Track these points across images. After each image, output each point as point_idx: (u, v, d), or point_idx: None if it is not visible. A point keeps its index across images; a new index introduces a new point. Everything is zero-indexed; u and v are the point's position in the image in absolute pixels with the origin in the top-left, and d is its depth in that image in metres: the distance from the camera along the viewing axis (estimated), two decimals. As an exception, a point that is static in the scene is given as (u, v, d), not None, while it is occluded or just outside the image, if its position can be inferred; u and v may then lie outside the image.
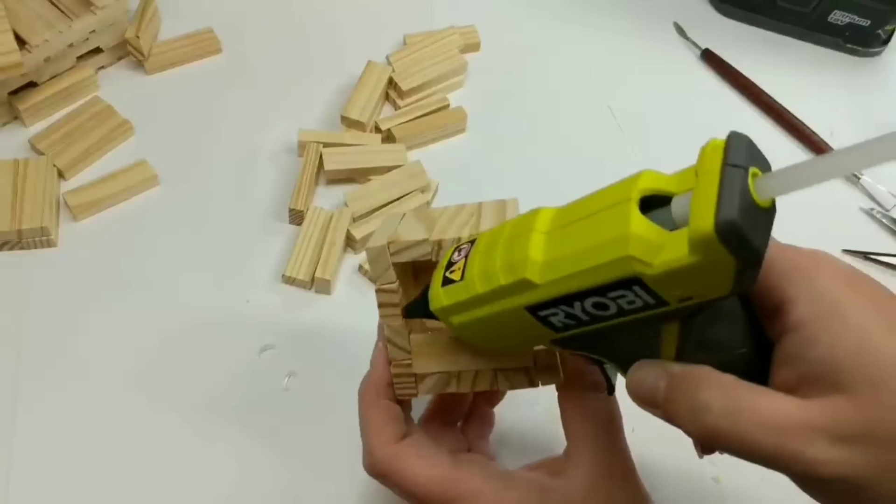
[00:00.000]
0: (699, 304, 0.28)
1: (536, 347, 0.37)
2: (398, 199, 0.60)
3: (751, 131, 0.29)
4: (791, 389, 0.29)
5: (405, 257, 0.37)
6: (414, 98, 0.67)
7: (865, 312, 0.29)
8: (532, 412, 0.51)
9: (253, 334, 0.53)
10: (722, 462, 0.50)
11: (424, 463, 0.37)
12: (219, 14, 0.72)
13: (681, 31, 0.78)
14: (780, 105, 0.71)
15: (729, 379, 0.30)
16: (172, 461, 0.48)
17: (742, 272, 0.26)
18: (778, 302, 0.31)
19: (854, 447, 0.28)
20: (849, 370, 0.28)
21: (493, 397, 0.47)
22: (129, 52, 0.67)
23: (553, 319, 0.31)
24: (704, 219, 0.25)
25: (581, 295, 0.30)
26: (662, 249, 0.27)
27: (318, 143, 0.62)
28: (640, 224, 0.27)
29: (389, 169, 0.61)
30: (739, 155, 0.26)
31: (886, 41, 0.78)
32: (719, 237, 0.25)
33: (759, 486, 0.49)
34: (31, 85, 0.62)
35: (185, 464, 0.48)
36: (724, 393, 0.29)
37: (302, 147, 0.62)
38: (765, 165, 0.27)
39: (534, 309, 0.31)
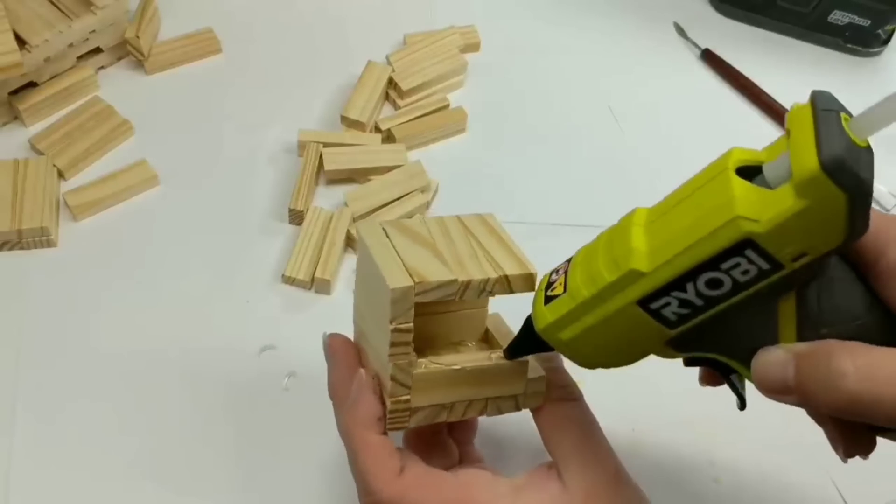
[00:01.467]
0: (814, 260, 0.28)
1: (528, 376, 0.37)
2: (398, 199, 0.60)
3: (750, 131, 0.29)
4: None
5: (430, 297, 0.35)
6: (414, 98, 0.67)
7: None
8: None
9: (253, 334, 0.53)
10: (722, 463, 0.50)
11: (430, 491, 0.36)
12: (219, 14, 0.72)
13: (681, 31, 0.78)
14: (780, 105, 0.71)
15: (859, 344, 0.29)
16: (172, 460, 0.48)
17: (853, 210, 0.26)
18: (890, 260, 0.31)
19: None
20: None
21: None
22: (129, 52, 0.67)
23: (666, 312, 0.31)
24: (808, 159, 0.25)
25: (693, 273, 0.29)
26: (768, 205, 0.27)
27: (318, 143, 0.62)
28: (742, 187, 0.27)
29: (389, 169, 0.61)
30: (828, 103, 0.27)
31: (886, 41, 0.78)
32: (826, 172, 0.25)
33: (758, 487, 0.49)
34: (31, 85, 0.62)
35: (184, 463, 0.48)
36: (857, 357, 0.29)
37: (302, 147, 0.62)
38: (850, 113, 0.27)
39: (645, 302, 0.31)
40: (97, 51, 0.66)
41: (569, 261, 0.34)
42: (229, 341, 0.53)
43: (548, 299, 0.34)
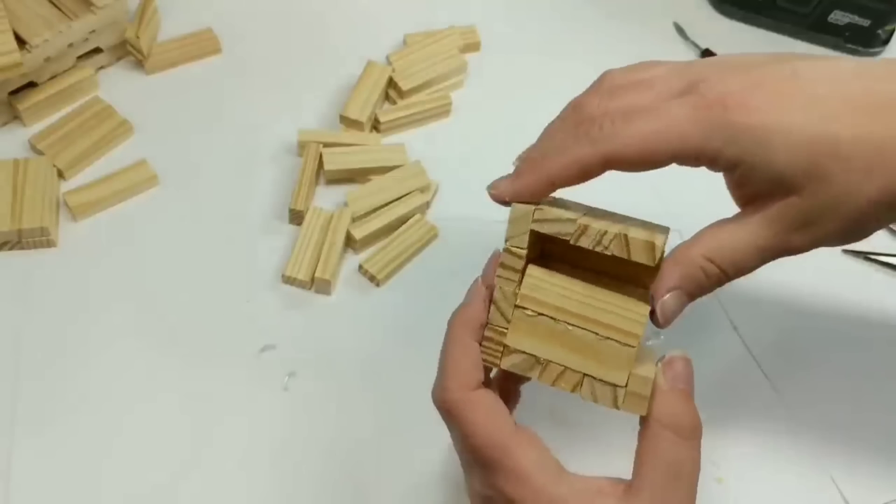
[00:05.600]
0: None
1: (635, 371, 0.36)
2: (398, 199, 0.60)
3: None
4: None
5: (546, 228, 0.36)
6: (414, 99, 0.67)
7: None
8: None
9: (253, 334, 0.53)
10: (724, 463, 0.50)
11: (490, 420, 0.36)
12: (218, 14, 0.72)
13: (681, 31, 0.78)
14: (780, 105, 0.71)
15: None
16: (171, 461, 0.48)
17: None
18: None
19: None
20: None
21: (522, 378, 0.43)
22: (129, 52, 0.67)
23: None
24: None
25: None
26: None
27: (318, 142, 0.62)
28: None
29: (389, 169, 0.61)
30: None
31: (886, 41, 0.78)
32: None
33: (760, 487, 0.49)
34: (31, 85, 0.62)
35: (184, 464, 0.48)
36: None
37: (302, 147, 0.62)
38: None
39: None
40: (97, 51, 0.66)
41: None
42: (229, 341, 0.53)
43: None
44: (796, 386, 0.54)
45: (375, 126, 0.65)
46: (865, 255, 0.62)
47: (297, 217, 0.59)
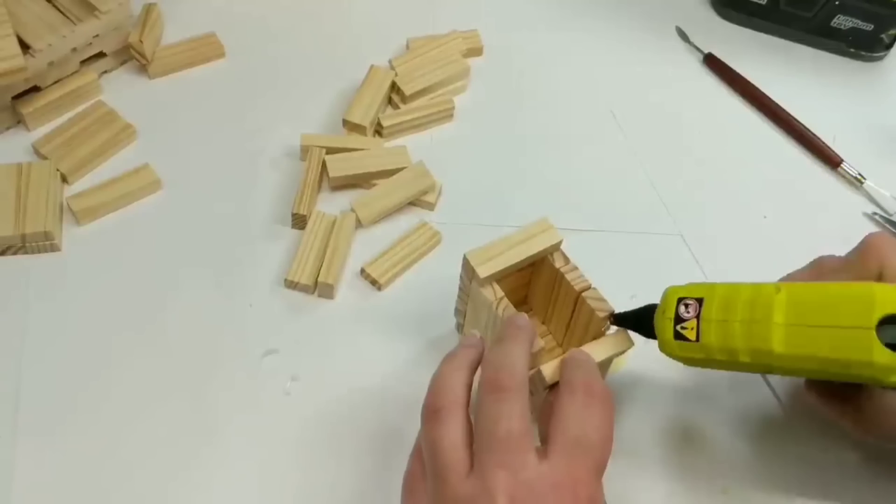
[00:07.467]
0: None
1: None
2: (406, 201, 0.60)
3: (753, 136, 0.29)
4: None
5: None
6: (417, 103, 0.67)
7: None
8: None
9: (255, 338, 0.53)
10: (730, 473, 0.50)
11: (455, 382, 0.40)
12: (222, 19, 0.72)
13: (683, 35, 0.78)
14: (783, 109, 0.71)
15: None
16: (174, 466, 0.48)
17: None
18: None
19: None
20: None
21: None
22: (133, 57, 0.67)
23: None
24: None
25: (815, 374, 0.39)
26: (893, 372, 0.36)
27: (321, 147, 0.62)
28: (882, 354, 0.36)
29: (393, 172, 0.61)
30: None
31: (889, 45, 0.78)
32: None
33: (766, 498, 0.49)
34: (35, 89, 0.62)
35: (186, 468, 0.48)
36: None
37: (304, 151, 0.62)
38: None
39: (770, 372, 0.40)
40: (100, 55, 0.66)
41: (699, 301, 0.41)
42: (232, 345, 0.53)
43: (678, 335, 0.41)
44: (801, 397, 0.53)
45: (378, 130, 0.65)
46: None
47: (300, 221, 0.59)
